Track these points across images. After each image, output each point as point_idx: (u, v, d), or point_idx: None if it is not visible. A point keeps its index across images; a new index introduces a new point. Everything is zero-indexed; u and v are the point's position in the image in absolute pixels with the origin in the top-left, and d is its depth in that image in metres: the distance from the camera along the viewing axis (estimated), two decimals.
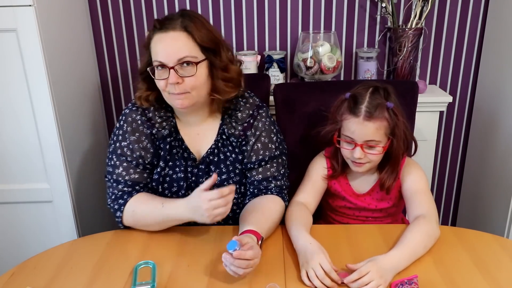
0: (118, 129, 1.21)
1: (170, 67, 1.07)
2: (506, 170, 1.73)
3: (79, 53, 1.76)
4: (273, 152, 1.22)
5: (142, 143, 1.18)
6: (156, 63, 1.09)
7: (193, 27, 1.08)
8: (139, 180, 1.19)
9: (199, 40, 1.09)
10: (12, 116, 1.52)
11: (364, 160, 1.15)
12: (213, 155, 1.21)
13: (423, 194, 1.16)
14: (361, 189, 1.26)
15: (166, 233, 1.16)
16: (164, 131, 1.19)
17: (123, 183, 1.18)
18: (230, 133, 1.21)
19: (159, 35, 1.09)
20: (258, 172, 1.21)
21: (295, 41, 1.89)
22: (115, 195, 1.18)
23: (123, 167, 1.18)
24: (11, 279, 1.00)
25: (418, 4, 1.74)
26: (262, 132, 1.21)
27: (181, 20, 1.08)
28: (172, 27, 1.08)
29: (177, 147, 1.21)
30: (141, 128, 1.19)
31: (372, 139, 1.12)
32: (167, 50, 1.08)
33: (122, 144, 1.19)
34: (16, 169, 1.59)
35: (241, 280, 0.97)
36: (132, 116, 1.19)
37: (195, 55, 1.09)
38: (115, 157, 1.19)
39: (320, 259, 0.96)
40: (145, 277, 0.98)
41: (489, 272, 0.98)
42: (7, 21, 1.40)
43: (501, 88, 1.76)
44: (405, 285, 0.92)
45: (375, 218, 1.28)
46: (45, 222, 1.67)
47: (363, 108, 1.12)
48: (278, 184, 1.22)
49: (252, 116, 1.22)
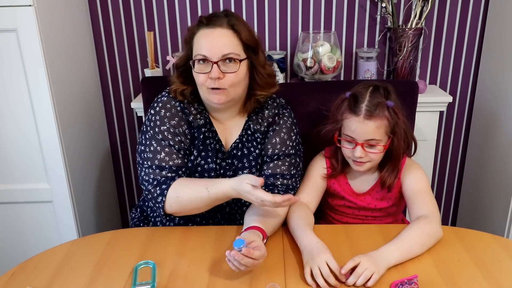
0: (154, 115, 1.19)
1: (214, 62, 1.09)
2: (506, 170, 1.73)
3: (79, 53, 1.76)
4: (288, 150, 1.22)
5: (182, 127, 1.20)
6: (199, 56, 1.11)
7: (239, 26, 1.12)
8: (182, 165, 1.18)
9: (244, 38, 1.13)
10: (12, 116, 1.52)
11: (365, 159, 1.15)
12: (237, 149, 1.23)
13: (424, 194, 1.16)
14: (361, 188, 1.26)
15: (166, 233, 1.16)
16: (199, 121, 1.21)
17: (167, 169, 1.15)
18: (256, 129, 1.23)
19: (206, 31, 1.12)
20: (269, 166, 1.21)
21: (295, 41, 1.89)
22: (157, 181, 1.14)
23: (165, 152, 1.16)
24: (11, 279, 1.00)
25: (418, 4, 1.74)
26: (282, 129, 1.23)
27: (228, 19, 1.12)
28: (219, 24, 1.11)
29: (211, 138, 1.22)
30: (180, 114, 1.20)
31: (373, 138, 1.13)
32: (212, 44, 1.10)
33: (161, 128, 1.17)
34: (16, 169, 1.59)
35: (241, 280, 0.97)
36: (170, 103, 1.21)
37: (238, 52, 1.12)
38: (155, 142, 1.17)
39: (326, 257, 0.97)
40: (145, 277, 0.98)
41: (489, 272, 0.98)
42: (7, 21, 1.40)
43: (501, 88, 1.76)
44: (405, 285, 0.92)
45: (374, 217, 1.28)
46: (45, 222, 1.67)
47: (363, 107, 1.12)
48: (285, 183, 1.20)
49: (276, 115, 1.25)
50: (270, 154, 1.21)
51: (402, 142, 1.16)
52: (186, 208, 1.14)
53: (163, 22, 1.90)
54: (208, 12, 1.87)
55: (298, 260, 1.04)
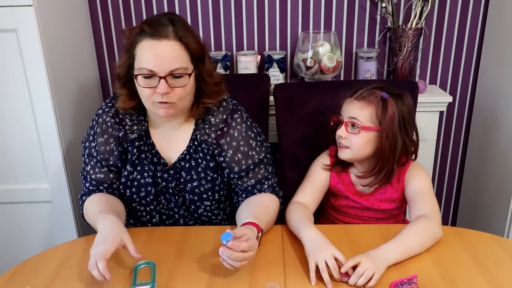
0: (90, 128, 1.22)
1: (161, 77, 1.03)
2: (506, 170, 1.73)
3: (79, 53, 1.76)
4: (257, 158, 1.20)
5: (110, 145, 1.18)
6: (144, 70, 1.04)
7: (187, 37, 1.05)
8: (103, 180, 1.20)
9: (193, 50, 1.06)
10: (12, 116, 1.52)
11: (346, 142, 1.16)
12: (185, 161, 1.19)
13: (426, 194, 1.16)
14: (365, 189, 1.26)
15: (166, 233, 1.16)
16: (132, 135, 1.17)
17: (89, 182, 1.21)
18: (203, 139, 1.17)
19: (150, 42, 1.03)
20: (249, 177, 1.19)
21: (295, 41, 1.89)
22: (83, 191, 1.22)
23: (91, 166, 1.20)
24: (11, 279, 1.00)
25: (418, 4, 1.74)
26: (239, 142, 1.18)
27: (173, 28, 1.04)
28: (165, 34, 1.03)
29: (147, 152, 1.19)
30: (110, 130, 1.18)
31: (355, 117, 1.14)
32: (160, 59, 1.03)
33: (91, 144, 1.20)
34: (16, 169, 1.59)
35: (241, 280, 0.97)
36: (103, 118, 1.19)
37: (187, 66, 1.06)
38: (86, 154, 1.22)
39: (333, 250, 0.97)
40: (145, 277, 0.98)
41: (489, 272, 0.98)
42: (7, 21, 1.40)
43: (501, 88, 1.76)
44: (405, 285, 0.92)
45: (377, 219, 1.27)
46: (45, 222, 1.67)
47: (359, 92, 1.17)
48: (270, 184, 1.22)
49: (225, 122, 1.18)
50: (239, 171, 1.18)
51: (389, 142, 1.14)
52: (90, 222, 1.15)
53: None
54: (208, 12, 1.87)
55: (298, 260, 1.04)
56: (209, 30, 1.90)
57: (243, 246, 0.92)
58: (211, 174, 1.19)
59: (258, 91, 1.50)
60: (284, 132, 1.47)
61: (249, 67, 1.79)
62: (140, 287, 0.94)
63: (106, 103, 1.21)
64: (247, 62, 1.78)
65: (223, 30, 1.90)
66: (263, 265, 1.02)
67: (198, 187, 1.19)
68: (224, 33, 1.91)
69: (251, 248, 0.94)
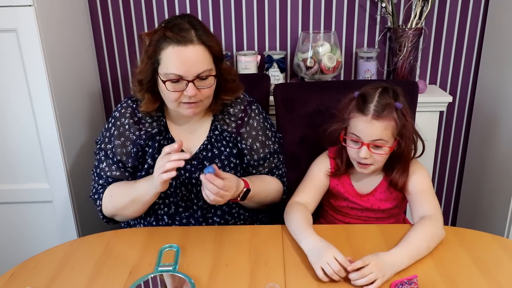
0: (106, 130, 1.23)
1: (189, 80, 1.08)
2: (506, 170, 1.73)
3: (79, 53, 1.76)
4: (272, 147, 1.28)
5: (127, 148, 1.20)
6: (172, 76, 1.08)
7: (209, 40, 1.09)
8: (120, 177, 1.22)
9: (216, 52, 1.11)
10: (12, 116, 1.52)
11: (369, 160, 1.14)
12: (206, 150, 1.23)
13: (427, 194, 1.16)
14: (364, 189, 1.25)
15: (166, 234, 1.16)
16: (153, 130, 1.21)
17: (104, 179, 1.22)
18: (224, 129, 1.23)
19: (176, 48, 1.06)
20: (264, 167, 1.28)
21: (295, 41, 1.89)
22: (96, 188, 1.23)
23: (107, 164, 1.22)
24: (11, 279, 1.00)
25: (418, 4, 1.74)
26: (258, 131, 1.25)
27: (196, 32, 1.08)
28: (190, 39, 1.06)
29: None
30: (127, 133, 1.20)
31: (380, 139, 1.12)
32: (187, 64, 1.07)
33: (107, 146, 1.22)
34: (16, 169, 1.59)
35: (241, 280, 0.97)
36: (121, 120, 1.21)
37: (211, 67, 1.11)
38: (101, 153, 1.23)
39: (333, 252, 0.97)
40: (168, 259, 1.04)
41: (489, 272, 0.98)
42: (7, 21, 1.40)
43: (501, 88, 1.76)
44: (405, 285, 0.92)
45: (377, 218, 1.27)
46: (45, 222, 1.67)
47: (372, 107, 1.11)
48: (279, 173, 1.31)
49: (244, 112, 1.25)
50: (257, 159, 1.26)
51: (411, 144, 1.16)
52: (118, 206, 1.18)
53: None
54: (208, 12, 1.87)
55: (298, 260, 1.04)
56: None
57: (217, 182, 1.02)
58: (234, 161, 1.24)
59: (258, 91, 1.50)
60: (284, 132, 1.47)
61: (249, 67, 1.79)
62: (163, 267, 0.99)
63: (122, 105, 1.24)
64: (247, 62, 1.78)
65: (223, 30, 1.90)
66: (263, 265, 1.02)
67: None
68: (224, 33, 1.91)
69: (225, 188, 1.04)
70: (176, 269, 0.98)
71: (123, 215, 1.21)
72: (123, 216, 1.22)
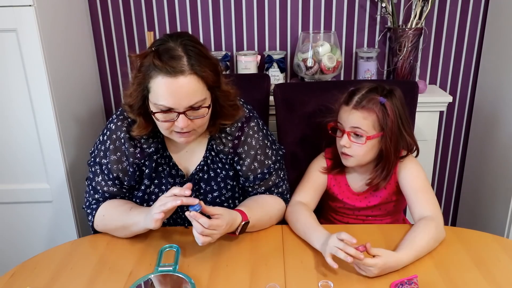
0: (101, 143, 1.16)
1: (180, 112, 1.00)
2: (506, 170, 1.73)
3: (79, 53, 1.76)
4: (272, 167, 1.20)
5: (122, 164, 1.14)
6: (162, 107, 1.00)
7: (203, 68, 0.99)
8: (116, 193, 1.17)
9: (210, 81, 1.02)
10: (12, 116, 1.52)
11: (350, 151, 1.16)
12: (203, 172, 1.18)
13: (426, 192, 1.16)
14: (359, 188, 1.26)
15: (166, 233, 1.16)
16: (149, 149, 1.14)
17: (100, 193, 1.17)
18: (219, 149, 1.16)
19: (165, 80, 0.97)
20: (260, 185, 1.20)
21: (295, 41, 1.89)
22: (89, 202, 1.18)
23: (102, 178, 1.16)
24: (11, 279, 1.00)
25: (418, 4, 1.74)
26: (257, 150, 1.17)
27: (188, 60, 0.98)
28: (180, 69, 0.97)
29: (164, 164, 1.17)
30: (123, 148, 1.14)
31: (358, 127, 1.14)
32: (178, 97, 0.98)
33: (102, 161, 1.16)
34: (16, 169, 1.59)
35: (241, 280, 0.97)
36: (116, 134, 1.14)
37: (205, 97, 1.02)
38: (97, 166, 1.17)
39: (337, 234, 0.99)
40: (169, 259, 1.03)
41: (489, 272, 0.98)
42: (7, 21, 1.40)
43: (501, 88, 1.76)
44: (405, 285, 0.92)
45: (374, 216, 1.28)
46: (45, 222, 1.67)
47: (355, 99, 1.15)
48: (280, 191, 1.23)
49: (241, 130, 1.16)
50: (253, 179, 1.18)
51: (392, 143, 1.15)
52: (108, 227, 1.15)
53: (163, 22, 1.90)
54: (208, 12, 1.87)
55: (298, 260, 1.04)
56: (209, 30, 1.90)
57: (202, 221, 0.96)
58: (231, 183, 1.19)
59: (258, 91, 1.50)
60: (284, 132, 1.47)
61: (249, 67, 1.79)
62: (164, 267, 0.99)
63: (118, 116, 1.16)
64: (247, 62, 1.78)
65: (223, 30, 1.90)
66: (263, 265, 1.02)
67: (219, 197, 1.19)
68: (224, 33, 1.91)
69: (212, 227, 0.97)
70: (176, 269, 0.98)
71: (113, 234, 1.16)
72: (113, 234, 1.17)
